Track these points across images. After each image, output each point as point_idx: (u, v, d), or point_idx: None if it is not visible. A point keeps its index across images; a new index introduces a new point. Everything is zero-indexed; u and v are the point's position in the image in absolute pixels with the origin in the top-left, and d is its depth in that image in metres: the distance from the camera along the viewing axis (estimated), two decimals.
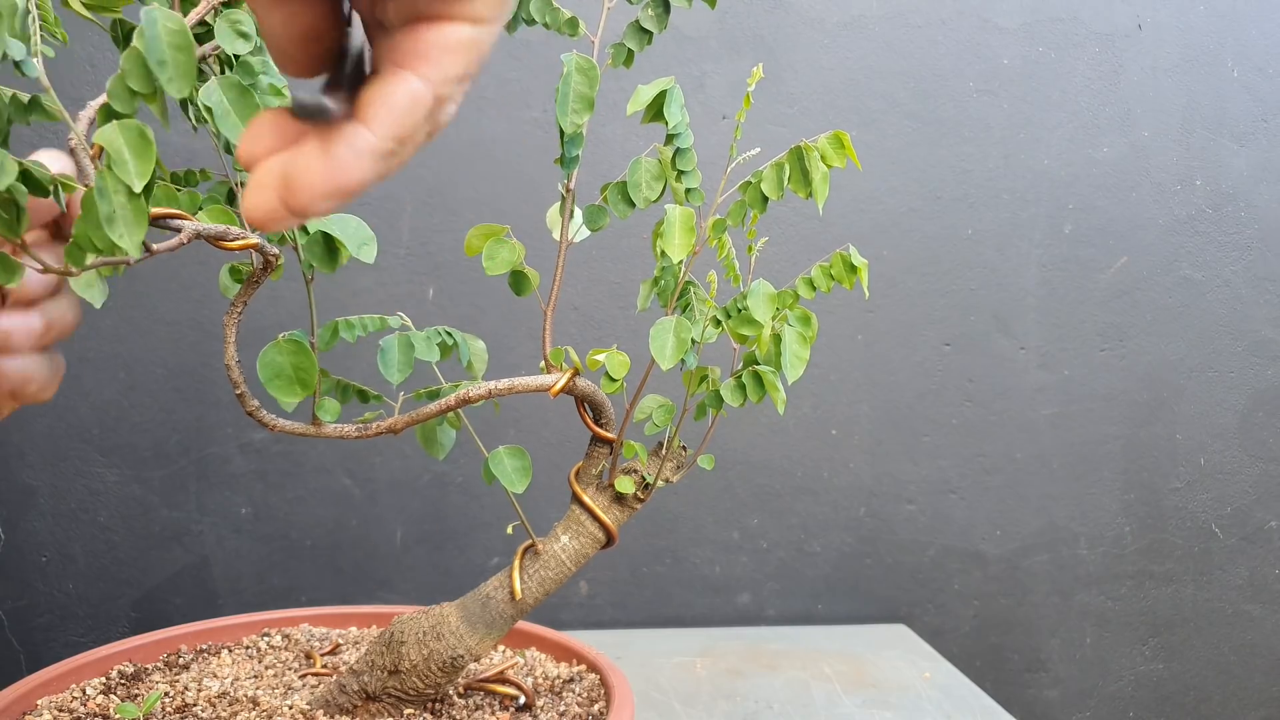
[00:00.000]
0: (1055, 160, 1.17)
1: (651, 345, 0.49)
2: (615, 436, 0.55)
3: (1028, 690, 1.22)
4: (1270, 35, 1.19)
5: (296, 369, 0.47)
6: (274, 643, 0.70)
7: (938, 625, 1.19)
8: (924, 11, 1.13)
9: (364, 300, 1.05)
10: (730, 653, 1.03)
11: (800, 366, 0.51)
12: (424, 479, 1.08)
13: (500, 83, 1.06)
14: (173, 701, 0.57)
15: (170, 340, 1.03)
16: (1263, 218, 1.21)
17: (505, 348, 1.08)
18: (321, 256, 0.47)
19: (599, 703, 0.60)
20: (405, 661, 0.54)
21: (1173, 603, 1.24)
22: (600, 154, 1.08)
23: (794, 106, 1.11)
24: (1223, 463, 1.23)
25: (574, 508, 0.56)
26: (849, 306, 1.14)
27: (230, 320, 0.48)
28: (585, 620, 1.13)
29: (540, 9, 0.49)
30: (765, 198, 0.50)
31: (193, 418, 1.04)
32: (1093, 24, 1.16)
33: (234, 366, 0.49)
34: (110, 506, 1.04)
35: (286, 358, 0.47)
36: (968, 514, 1.19)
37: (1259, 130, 1.20)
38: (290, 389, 0.47)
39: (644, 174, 0.51)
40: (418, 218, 1.06)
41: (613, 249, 1.09)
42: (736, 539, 1.15)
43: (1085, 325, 1.19)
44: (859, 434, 1.16)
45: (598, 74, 0.48)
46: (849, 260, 0.51)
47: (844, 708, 0.89)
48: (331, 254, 0.48)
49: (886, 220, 1.14)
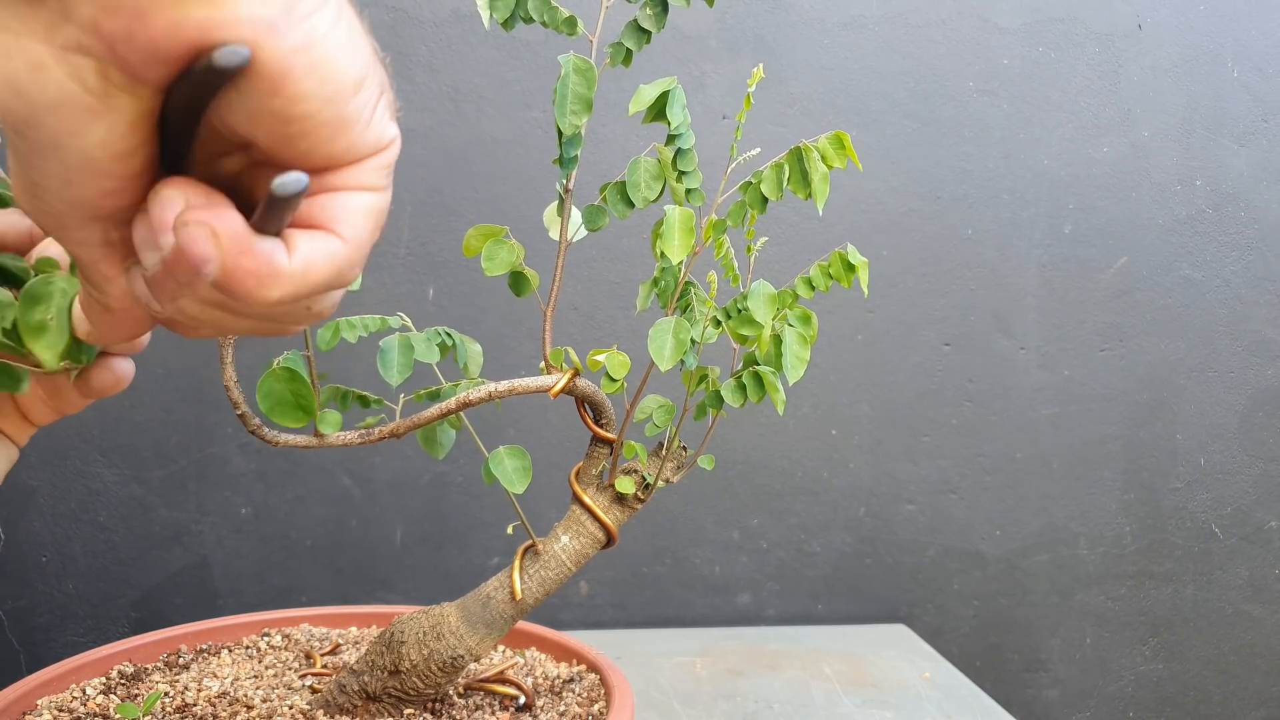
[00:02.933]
0: (1055, 160, 1.17)
1: (650, 346, 0.49)
2: (615, 437, 0.55)
3: (1028, 690, 1.22)
4: (1270, 35, 1.19)
5: (296, 395, 0.47)
6: (274, 643, 0.70)
7: (938, 625, 1.19)
8: (924, 11, 1.13)
9: (364, 300, 1.05)
10: (730, 653, 1.03)
11: (801, 367, 0.51)
12: (424, 479, 1.08)
13: (500, 83, 1.06)
14: (173, 701, 0.57)
15: (170, 340, 1.03)
16: (1263, 218, 1.21)
17: (505, 348, 1.08)
18: None
19: (599, 703, 0.60)
20: (405, 661, 0.54)
21: (1173, 603, 1.24)
22: (600, 154, 1.08)
23: (794, 106, 1.11)
24: (1223, 463, 1.23)
25: (574, 508, 0.56)
26: (849, 306, 1.14)
27: (225, 341, 0.48)
28: (585, 620, 1.13)
29: (538, 7, 0.49)
30: (764, 198, 0.50)
31: (193, 418, 1.04)
32: (1093, 24, 1.16)
33: (233, 387, 0.49)
34: (110, 506, 1.04)
35: (285, 385, 0.47)
36: (968, 514, 1.19)
37: (1259, 130, 1.20)
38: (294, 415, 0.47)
39: (643, 174, 0.51)
40: (418, 218, 1.06)
41: (612, 249, 1.09)
42: (736, 539, 1.15)
43: (1085, 325, 1.19)
44: (859, 434, 1.16)
45: (595, 75, 0.48)
46: (847, 259, 0.51)
47: (844, 708, 0.89)
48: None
49: (886, 220, 1.14)
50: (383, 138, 0.29)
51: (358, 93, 0.27)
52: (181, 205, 0.27)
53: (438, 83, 1.05)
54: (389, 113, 0.30)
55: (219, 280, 0.27)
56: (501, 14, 0.48)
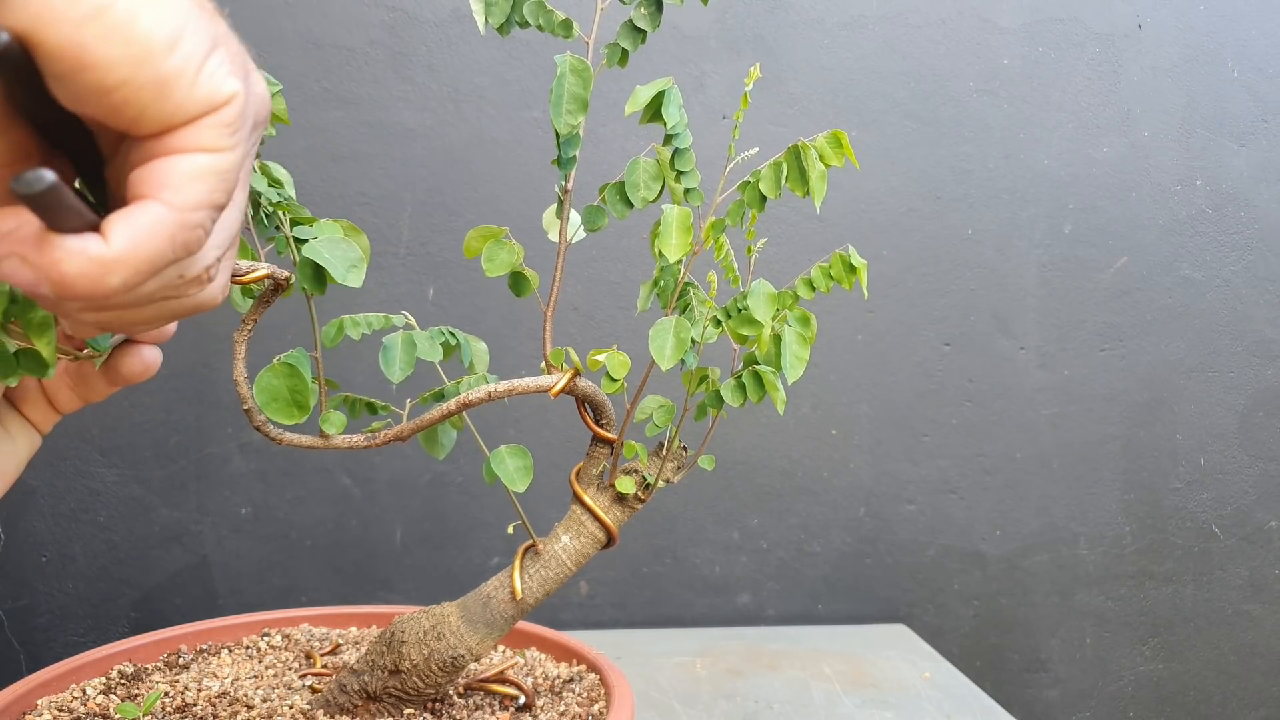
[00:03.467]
0: (1055, 160, 1.17)
1: (651, 345, 0.49)
2: (616, 437, 0.55)
3: (1028, 690, 1.22)
4: (1270, 35, 1.19)
5: (292, 391, 0.47)
6: (274, 643, 0.70)
7: (938, 625, 1.19)
8: (924, 11, 1.13)
9: (364, 300, 1.05)
10: (730, 653, 1.03)
11: (800, 367, 0.51)
12: (424, 479, 1.08)
13: (500, 83, 1.06)
14: (173, 701, 0.58)
15: (170, 340, 1.03)
16: (1263, 218, 1.21)
17: (505, 348, 1.08)
18: (311, 279, 0.48)
19: (599, 703, 0.60)
20: (406, 661, 0.54)
21: (1173, 603, 1.24)
22: (599, 154, 1.08)
23: (794, 106, 1.11)
24: (1223, 463, 1.23)
25: (574, 508, 0.56)
26: (849, 306, 1.14)
27: (240, 337, 0.49)
28: (585, 620, 1.13)
29: (534, 11, 0.49)
30: (763, 197, 0.50)
31: (193, 418, 1.04)
32: (1093, 24, 1.16)
33: (243, 383, 0.49)
34: (110, 506, 1.04)
35: (282, 380, 0.47)
36: (968, 514, 1.19)
37: (1259, 130, 1.20)
38: (288, 411, 0.47)
39: (642, 174, 0.51)
40: (418, 218, 1.06)
41: (612, 249, 1.09)
42: (736, 539, 1.15)
43: (1085, 325, 1.19)
44: (859, 434, 1.16)
45: (591, 75, 0.48)
46: (848, 260, 0.51)
47: (844, 708, 0.89)
48: (320, 277, 0.48)
49: (886, 220, 1.14)
50: (217, 94, 0.28)
51: (173, 50, 0.27)
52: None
53: (438, 83, 1.05)
54: (227, 67, 0.29)
55: (56, 293, 0.27)
56: (497, 19, 0.48)
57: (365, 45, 1.04)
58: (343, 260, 0.47)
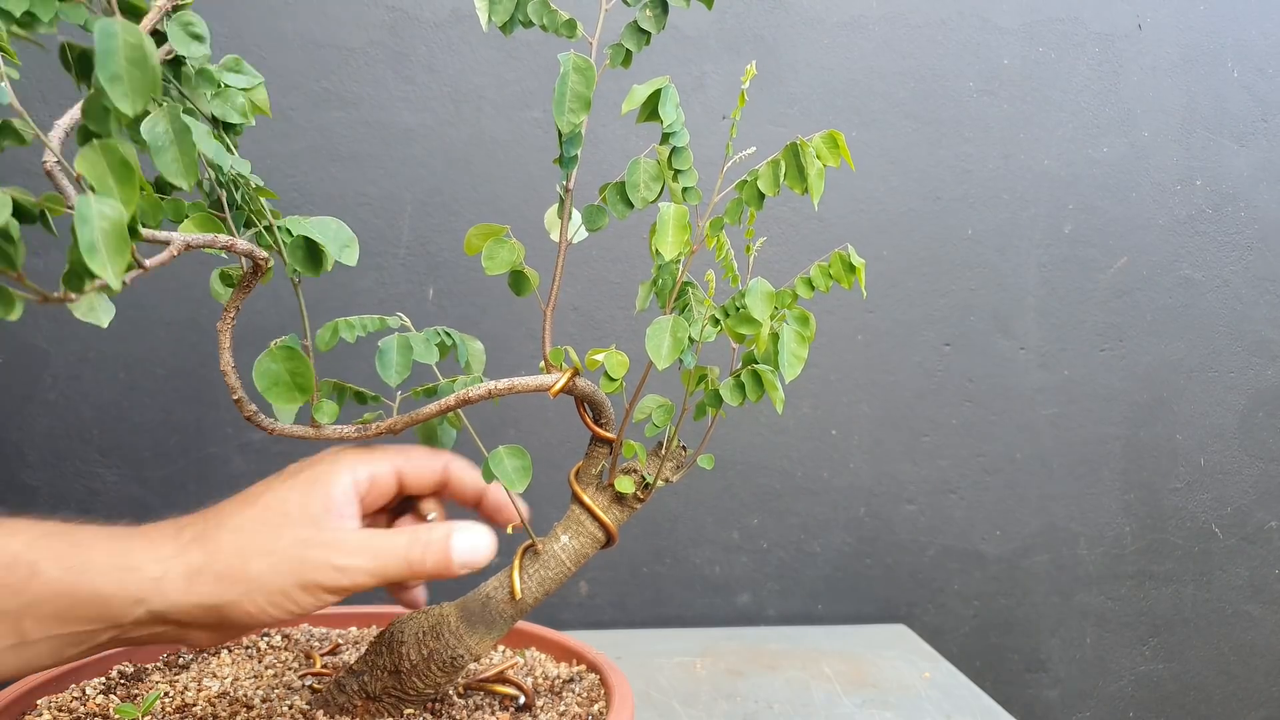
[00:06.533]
0: (1055, 160, 1.17)
1: (648, 344, 0.49)
2: (615, 436, 0.55)
3: (1028, 690, 1.22)
4: (1270, 35, 1.19)
5: (293, 374, 0.47)
6: (274, 643, 0.70)
7: (938, 625, 1.19)
8: (924, 11, 1.13)
9: (364, 300, 1.05)
10: (730, 653, 1.03)
11: (798, 365, 0.51)
12: None
13: (500, 83, 1.06)
14: (172, 701, 0.58)
15: (170, 340, 1.03)
16: (1263, 218, 1.21)
17: (505, 348, 1.08)
18: (305, 261, 0.47)
19: (599, 703, 0.60)
20: (405, 661, 0.54)
21: (1173, 603, 1.24)
22: (599, 154, 1.08)
23: (794, 106, 1.11)
24: (1223, 463, 1.23)
25: (574, 507, 0.56)
26: (849, 306, 1.14)
27: (224, 326, 0.48)
28: (585, 620, 1.13)
29: (538, 11, 0.49)
30: (762, 195, 0.50)
31: (192, 418, 1.04)
32: (1093, 24, 1.16)
33: (230, 372, 0.48)
34: (110, 506, 1.04)
35: (281, 364, 0.47)
36: (968, 514, 1.19)
37: (1259, 130, 1.20)
38: (289, 395, 0.47)
39: (642, 174, 0.51)
40: (418, 218, 1.06)
41: (612, 249, 1.09)
42: (736, 539, 1.15)
43: (1085, 325, 1.19)
44: (859, 434, 1.16)
45: (594, 73, 0.48)
46: (848, 260, 0.51)
47: (844, 708, 0.89)
48: (315, 258, 0.47)
49: (886, 220, 1.14)
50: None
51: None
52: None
53: (438, 83, 1.05)
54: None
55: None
56: (500, 17, 0.48)
57: (365, 45, 1.04)
58: (335, 240, 0.46)
